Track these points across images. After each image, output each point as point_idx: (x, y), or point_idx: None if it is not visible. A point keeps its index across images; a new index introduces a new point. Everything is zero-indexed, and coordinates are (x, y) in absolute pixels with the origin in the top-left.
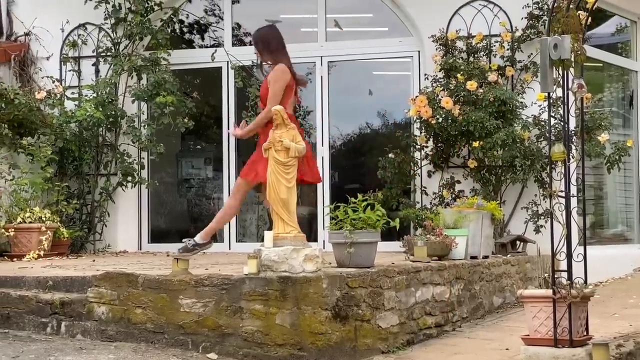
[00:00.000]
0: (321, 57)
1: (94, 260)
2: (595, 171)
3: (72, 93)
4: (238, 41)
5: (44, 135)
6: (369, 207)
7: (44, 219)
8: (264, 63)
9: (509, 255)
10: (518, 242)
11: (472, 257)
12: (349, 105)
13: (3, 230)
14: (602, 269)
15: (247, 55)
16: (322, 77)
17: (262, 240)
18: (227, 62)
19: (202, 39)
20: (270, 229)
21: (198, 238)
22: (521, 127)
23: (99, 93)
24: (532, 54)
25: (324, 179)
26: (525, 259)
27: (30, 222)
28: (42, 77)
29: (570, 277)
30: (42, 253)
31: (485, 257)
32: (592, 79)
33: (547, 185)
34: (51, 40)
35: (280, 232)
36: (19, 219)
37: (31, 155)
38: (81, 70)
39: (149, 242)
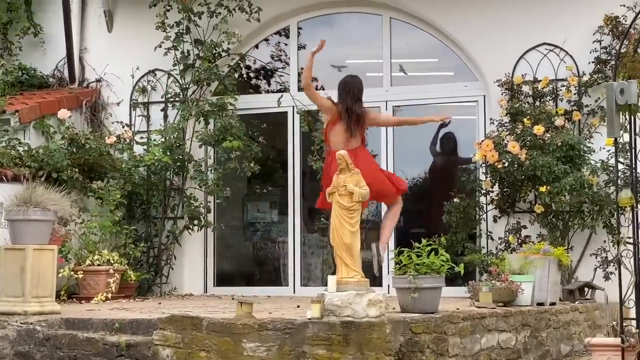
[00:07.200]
0: (386, 101)
1: (160, 303)
2: None
3: (141, 138)
4: None
5: (113, 179)
6: (433, 252)
7: (112, 261)
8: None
9: (577, 302)
10: (586, 289)
11: (538, 304)
12: (413, 149)
13: (72, 272)
14: None
15: None
16: None
17: (327, 285)
18: (293, 106)
19: (269, 84)
20: (334, 273)
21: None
22: (589, 172)
23: (167, 138)
24: (599, 98)
25: None
26: (594, 306)
27: (98, 265)
28: (112, 122)
29: (639, 326)
30: (109, 295)
31: (553, 303)
32: None
33: (615, 232)
34: (121, 86)
35: (344, 276)
36: (87, 262)
37: (100, 198)
38: (150, 116)
39: (214, 285)
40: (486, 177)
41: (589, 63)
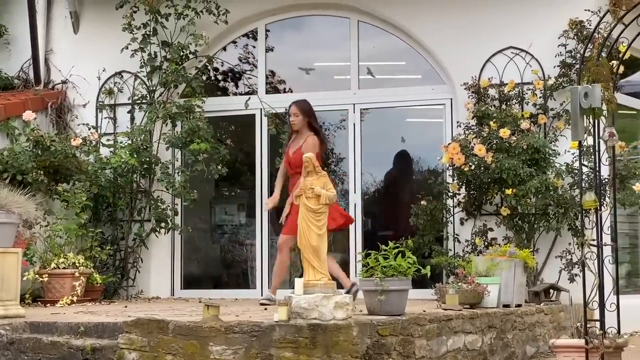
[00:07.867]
0: (354, 104)
1: (126, 306)
2: (631, 219)
3: (108, 140)
4: (272, 89)
5: (79, 182)
6: (400, 255)
7: (77, 264)
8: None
9: (542, 304)
10: (552, 291)
11: (504, 306)
12: (381, 152)
13: (37, 275)
14: (638, 318)
15: (281, 102)
16: (354, 124)
17: (294, 287)
18: (261, 109)
19: (236, 86)
20: (302, 276)
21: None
22: (554, 175)
23: (134, 140)
24: (564, 101)
25: (357, 226)
26: (559, 307)
27: (64, 268)
28: (78, 124)
29: (602, 327)
30: (75, 299)
31: (518, 305)
32: (627, 127)
33: (580, 234)
34: (88, 88)
35: (311, 279)
36: (52, 265)
37: (66, 201)
38: (117, 118)
39: (181, 288)
40: (453, 180)
41: (555, 67)
